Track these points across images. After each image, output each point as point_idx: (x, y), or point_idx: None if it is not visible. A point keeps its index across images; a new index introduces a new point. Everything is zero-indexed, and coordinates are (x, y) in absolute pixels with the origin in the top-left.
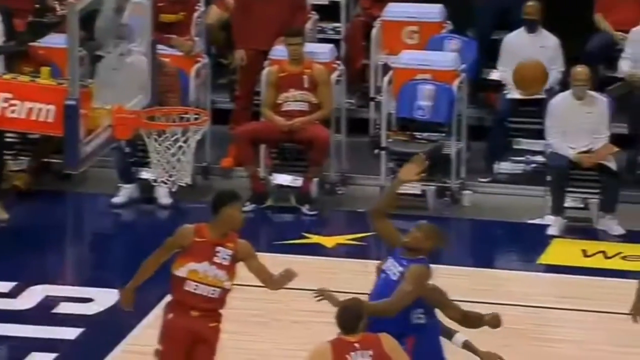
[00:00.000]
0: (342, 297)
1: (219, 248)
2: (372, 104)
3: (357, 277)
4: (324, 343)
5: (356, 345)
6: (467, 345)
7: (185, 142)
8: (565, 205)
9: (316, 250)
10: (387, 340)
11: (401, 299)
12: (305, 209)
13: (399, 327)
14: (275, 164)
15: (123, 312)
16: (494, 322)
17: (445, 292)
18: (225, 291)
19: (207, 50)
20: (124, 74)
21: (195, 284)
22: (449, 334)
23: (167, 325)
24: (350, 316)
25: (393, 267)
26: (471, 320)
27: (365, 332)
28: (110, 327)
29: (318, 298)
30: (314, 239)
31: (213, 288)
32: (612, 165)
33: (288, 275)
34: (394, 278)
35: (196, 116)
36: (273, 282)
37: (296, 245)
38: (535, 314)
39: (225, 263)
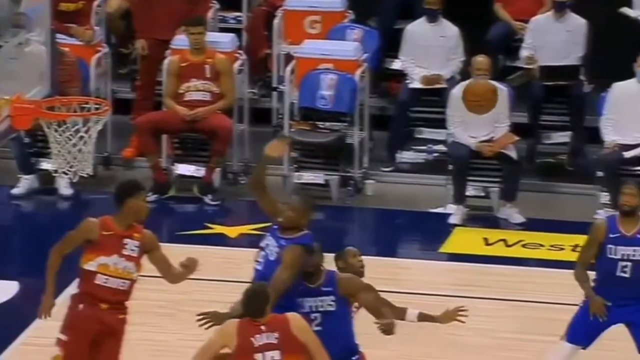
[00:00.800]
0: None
1: (126, 240)
2: (274, 93)
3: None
4: (232, 322)
5: (262, 327)
6: (422, 317)
7: (86, 132)
8: (467, 194)
9: (219, 240)
10: (296, 321)
11: (277, 288)
12: (207, 199)
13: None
14: (178, 154)
15: (23, 305)
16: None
17: (378, 295)
18: (133, 283)
19: (107, 39)
20: (22, 64)
21: (106, 277)
22: (401, 313)
23: (75, 316)
24: (257, 302)
25: (272, 246)
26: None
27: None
28: (10, 320)
29: (204, 324)
30: (217, 229)
31: (123, 280)
32: (513, 154)
33: (189, 269)
34: (272, 258)
35: (97, 106)
36: (174, 275)
37: (199, 235)
38: (438, 302)
39: (134, 255)
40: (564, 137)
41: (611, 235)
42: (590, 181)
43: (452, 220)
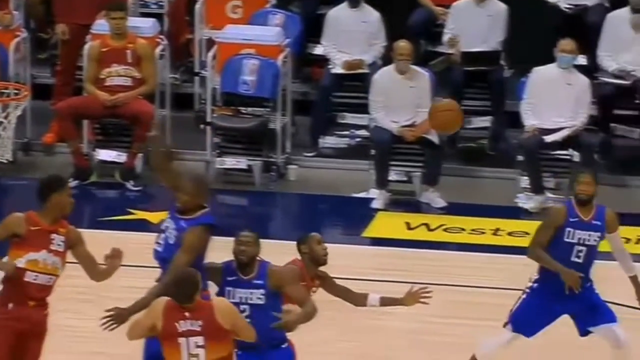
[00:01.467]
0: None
1: (53, 235)
2: (196, 79)
3: None
4: (160, 302)
5: (186, 314)
6: (385, 301)
7: (5, 117)
8: (389, 178)
9: (141, 226)
10: (220, 307)
11: (177, 272)
12: (129, 184)
13: None
14: (99, 140)
15: None
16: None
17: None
18: (57, 278)
19: (27, 24)
20: None
21: (35, 274)
22: (363, 300)
23: (4, 314)
24: (185, 288)
25: (171, 229)
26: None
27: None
28: None
29: (108, 327)
30: (139, 214)
31: (50, 276)
32: (434, 138)
33: (113, 266)
34: (171, 242)
35: (16, 91)
36: (98, 273)
37: (121, 221)
38: (362, 286)
39: (60, 250)
40: (484, 121)
41: (571, 220)
42: (511, 165)
43: (375, 204)
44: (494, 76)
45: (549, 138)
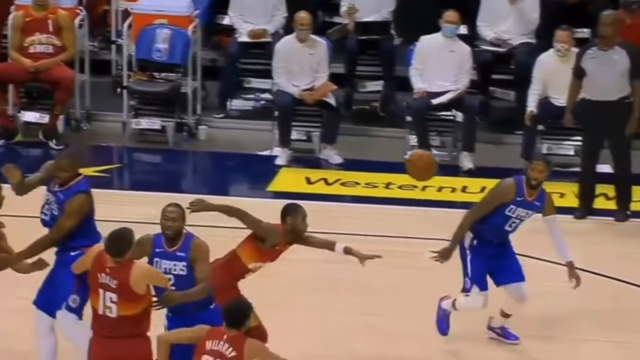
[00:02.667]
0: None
1: None
2: (113, 46)
3: (101, 206)
4: (97, 248)
5: (108, 270)
6: (347, 251)
7: None
8: (291, 138)
9: None
10: (136, 271)
11: (60, 235)
12: (52, 143)
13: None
14: (24, 103)
15: None
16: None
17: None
18: None
19: None
20: None
21: None
22: (330, 245)
23: None
24: (116, 244)
25: (52, 202)
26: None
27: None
28: None
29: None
30: None
31: None
32: (332, 101)
33: (36, 267)
34: (56, 213)
35: None
36: (20, 267)
37: None
38: None
39: None
40: (376, 86)
41: (518, 198)
42: (401, 125)
43: (278, 161)
44: (384, 45)
45: (435, 100)
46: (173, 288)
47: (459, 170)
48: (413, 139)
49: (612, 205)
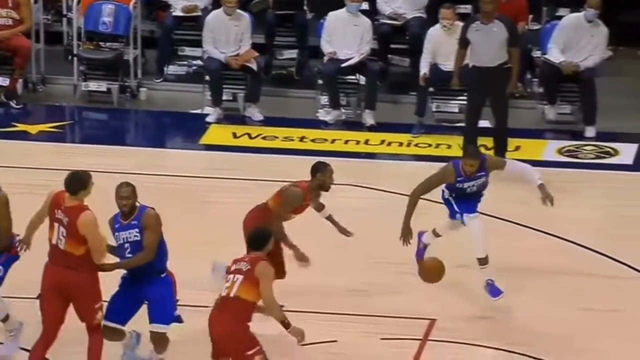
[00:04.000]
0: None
1: None
2: (64, 19)
3: (56, 157)
4: (56, 190)
5: (62, 207)
6: (329, 218)
7: None
8: (222, 99)
9: (23, 136)
10: (83, 218)
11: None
12: (12, 103)
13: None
14: None
15: None
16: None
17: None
18: None
19: None
20: None
21: None
22: (322, 208)
23: None
24: (71, 183)
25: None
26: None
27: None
28: None
29: None
30: (21, 127)
31: None
32: (254, 66)
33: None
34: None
35: None
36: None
37: (6, 132)
38: (199, 182)
39: None
40: (292, 54)
41: (458, 178)
42: (313, 87)
43: (209, 119)
44: (299, 18)
45: (343, 65)
46: (129, 255)
47: (362, 126)
48: (323, 99)
49: (490, 154)
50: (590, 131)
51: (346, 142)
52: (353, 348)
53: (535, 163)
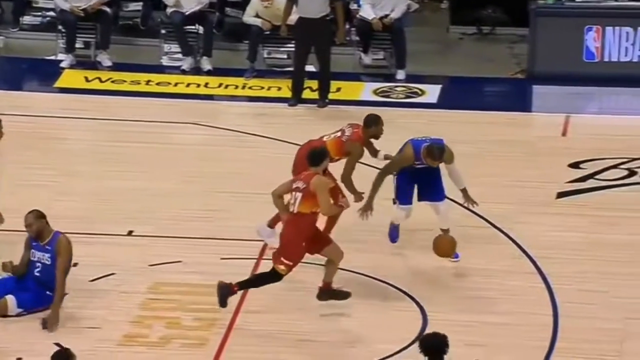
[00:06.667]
0: None
1: None
2: None
3: None
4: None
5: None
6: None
7: None
8: (75, 46)
9: None
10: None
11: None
12: None
13: None
14: None
15: None
16: None
17: None
18: None
19: None
20: None
21: None
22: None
23: None
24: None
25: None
26: None
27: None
28: None
29: None
30: None
31: None
32: (109, 9)
33: None
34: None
35: None
36: None
37: None
38: (54, 122)
39: None
40: (137, 5)
41: (416, 161)
42: (156, 36)
43: (63, 64)
44: None
45: (187, 13)
46: (38, 275)
47: (200, 71)
48: (166, 47)
49: (315, 95)
50: (400, 74)
51: (188, 85)
52: (197, 267)
53: (354, 103)
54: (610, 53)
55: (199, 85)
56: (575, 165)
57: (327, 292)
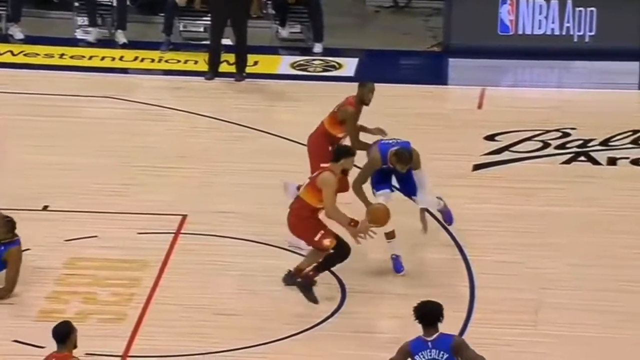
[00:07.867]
0: None
1: None
2: None
3: None
4: None
5: None
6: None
7: None
8: None
9: None
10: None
11: None
12: None
13: None
14: None
15: None
16: None
17: None
18: None
19: None
20: None
21: None
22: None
23: None
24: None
25: None
26: None
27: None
28: None
29: None
30: None
31: None
32: None
33: None
34: None
35: None
36: None
37: None
38: None
39: None
40: None
41: (384, 165)
42: (70, 9)
43: None
44: None
45: None
46: None
47: (116, 44)
48: (79, 20)
49: (232, 69)
50: (318, 47)
51: (102, 58)
52: (113, 242)
53: (271, 76)
54: (524, 26)
55: (113, 59)
56: (490, 138)
57: (293, 278)
